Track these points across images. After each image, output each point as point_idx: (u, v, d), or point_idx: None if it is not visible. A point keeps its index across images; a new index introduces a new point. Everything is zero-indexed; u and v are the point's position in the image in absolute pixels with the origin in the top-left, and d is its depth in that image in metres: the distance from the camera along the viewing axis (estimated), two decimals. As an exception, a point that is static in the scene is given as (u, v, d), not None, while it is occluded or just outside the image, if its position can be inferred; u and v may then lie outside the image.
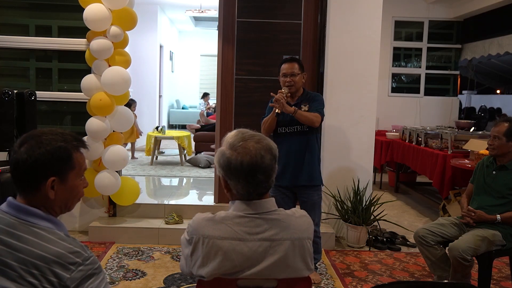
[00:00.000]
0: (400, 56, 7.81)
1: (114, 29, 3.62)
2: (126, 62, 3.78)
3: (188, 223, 1.45)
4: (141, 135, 7.26)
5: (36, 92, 3.61)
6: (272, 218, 1.40)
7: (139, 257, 3.57)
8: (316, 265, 3.38)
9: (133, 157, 7.26)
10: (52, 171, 1.24)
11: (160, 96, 11.18)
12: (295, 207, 3.16)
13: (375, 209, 3.99)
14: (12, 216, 1.20)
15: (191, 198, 5.07)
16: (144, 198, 4.52)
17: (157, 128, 7.45)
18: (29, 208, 1.21)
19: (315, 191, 3.18)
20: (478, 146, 4.25)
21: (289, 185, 3.14)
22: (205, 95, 11.23)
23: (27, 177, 1.22)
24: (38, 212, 1.22)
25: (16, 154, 1.22)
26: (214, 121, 7.68)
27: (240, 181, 1.38)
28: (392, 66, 7.71)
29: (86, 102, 3.81)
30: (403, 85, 7.96)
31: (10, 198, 1.24)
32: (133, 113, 7.19)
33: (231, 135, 1.44)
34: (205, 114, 9.35)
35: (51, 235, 1.19)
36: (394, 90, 7.79)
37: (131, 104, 7.22)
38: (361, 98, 4.08)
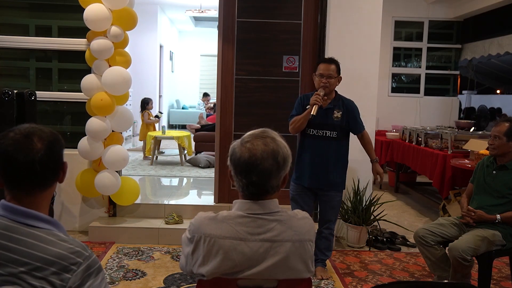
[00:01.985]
0: (400, 56, 7.82)
1: (114, 29, 3.62)
2: (126, 62, 3.78)
3: (190, 222, 1.45)
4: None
5: (36, 92, 3.61)
6: (274, 219, 1.40)
7: (139, 257, 3.57)
8: (326, 261, 3.42)
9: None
10: (63, 157, 1.31)
11: (160, 96, 11.19)
12: (313, 206, 3.24)
13: (375, 209, 3.99)
14: (8, 219, 1.17)
15: (191, 198, 5.07)
16: (144, 198, 4.52)
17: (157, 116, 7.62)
18: (27, 210, 1.19)
19: (336, 194, 3.24)
20: (478, 146, 4.25)
21: (308, 186, 3.19)
22: (204, 95, 11.23)
23: (55, 169, 1.24)
24: (37, 214, 1.20)
25: (40, 151, 1.19)
26: (211, 123, 7.73)
27: (237, 174, 1.40)
28: (392, 66, 7.71)
29: (86, 102, 3.80)
30: (403, 85, 7.96)
31: (3, 201, 1.21)
32: (150, 111, 7.42)
33: (251, 131, 1.44)
34: (204, 116, 9.36)
35: (51, 236, 1.17)
36: (394, 90, 7.79)
37: (148, 102, 7.39)
38: (361, 98, 4.06)
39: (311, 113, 2.99)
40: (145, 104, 7.40)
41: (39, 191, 1.22)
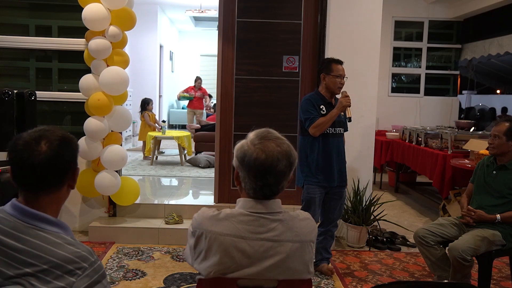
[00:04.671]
0: (400, 56, 7.82)
1: (112, 29, 3.62)
2: (124, 62, 3.77)
3: (193, 216, 1.45)
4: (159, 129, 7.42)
5: (36, 92, 3.61)
6: (276, 219, 1.40)
7: (139, 257, 3.57)
8: (330, 259, 3.46)
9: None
10: (76, 163, 1.29)
11: (160, 96, 11.19)
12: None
13: (375, 209, 3.99)
14: (18, 219, 1.17)
15: (191, 198, 5.07)
16: (144, 198, 4.52)
17: (163, 121, 7.70)
18: (37, 212, 1.19)
19: (344, 189, 3.34)
20: (478, 146, 4.25)
21: (326, 184, 3.19)
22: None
23: (59, 173, 1.22)
24: (46, 217, 1.20)
25: (42, 155, 1.18)
26: (211, 122, 7.72)
27: (250, 176, 1.38)
28: (392, 66, 7.71)
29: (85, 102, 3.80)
30: (403, 85, 7.96)
31: (14, 201, 1.21)
32: (152, 112, 7.48)
33: (256, 131, 1.44)
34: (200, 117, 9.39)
35: (59, 239, 1.17)
36: (394, 90, 7.79)
37: (148, 102, 7.43)
38: (361, 98, 4.08)
39: (348, 116, 3.16)
40: (145, 104, 7.40)
41: (44, 194, 1.22)
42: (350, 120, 3.20)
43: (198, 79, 9.38)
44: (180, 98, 9.74)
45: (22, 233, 1.15)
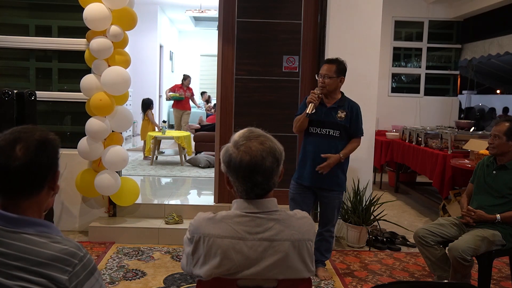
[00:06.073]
0: (400, 56, 7.82)
1: (114, 28, 3.62)
2: (125, 62, 3.77)
3: (190, 222, 1.45)
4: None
5: (36, 92, 3.61)
6: (273, 218, 1.40)
7: (139, 257, 3.57)
8: (325, 262, 3.43)
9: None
10: (57, 166, 1.23)
11: (160, 96, 11.19)
12: (312, 206, 3.24)
13: (375, 209, 3.99)
14: None
15: (191, 198, 5.07)
16: (144, 198, 4.52)
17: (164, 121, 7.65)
18: (16, 216, 1.15)
19: (336, 195, 3.21)
20: (478, 146, 4.25)
21: (309, 185, 3.16)
22: (202, 94, 11.23)
23: (37, 179, 1.17)
24: (27, 219, 1.16)
25: (18, 160, 1.13)
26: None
27: (239, 179, 1.39)
28: (392, 66, 7.71)
29: (86, 102, 3.80)
30: (403, 85, 7.96)
31: None
32: (152, 112, 7.53)
33: (238, 133, 1.44)
34: (203, 117, 9.36)
35: (43, 238, 1.14)
36: (394, 90, 7.79)
37: (152, 102, 7.51)
38: (361, 98, 4.06)
39: (307, 112, 3.02)
40: (150, 104, 7.51)
41: (23, 199, 1.17)
42: (307, 116, 3.04)
43: (187, 78, 8.96)
44: (171, 98, 8.94)
45: (5, 238, 1.12)
